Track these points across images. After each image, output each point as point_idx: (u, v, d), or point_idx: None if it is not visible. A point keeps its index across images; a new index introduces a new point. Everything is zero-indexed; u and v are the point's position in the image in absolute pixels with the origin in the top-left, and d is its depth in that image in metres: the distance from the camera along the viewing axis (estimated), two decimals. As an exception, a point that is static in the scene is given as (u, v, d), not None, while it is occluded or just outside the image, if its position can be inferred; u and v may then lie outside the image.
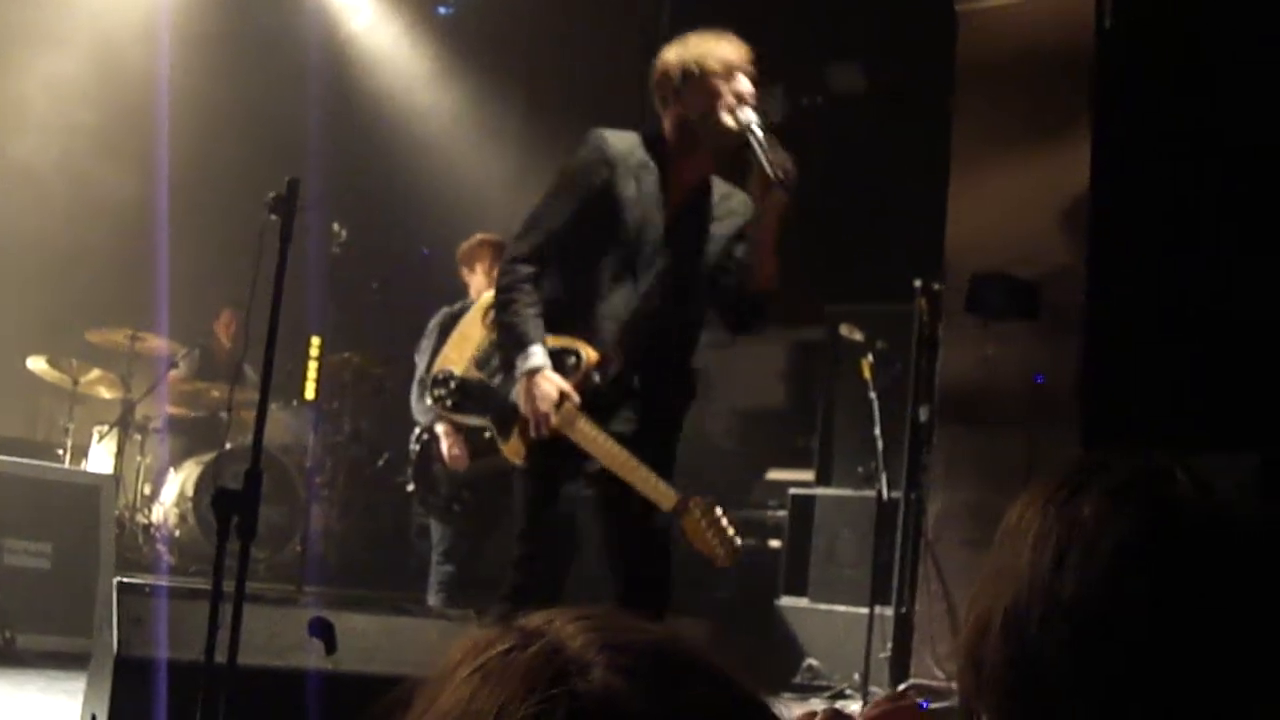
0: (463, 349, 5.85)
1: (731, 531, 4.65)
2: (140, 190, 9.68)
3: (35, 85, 9.77)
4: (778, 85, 10.08)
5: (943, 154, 8.05)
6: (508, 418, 4.79)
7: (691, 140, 4.79)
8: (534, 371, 4.52)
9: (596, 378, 4.65)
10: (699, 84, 4.73)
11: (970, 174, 7.95)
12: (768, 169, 4.63)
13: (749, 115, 4.70)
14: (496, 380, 5.32)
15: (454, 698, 0.86)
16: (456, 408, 5.48)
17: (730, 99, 4.71)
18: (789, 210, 4.77)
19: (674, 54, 4.78)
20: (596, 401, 4.64)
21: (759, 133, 4.67)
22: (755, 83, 4.82)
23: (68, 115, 9.96)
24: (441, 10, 11.40)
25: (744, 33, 4.83)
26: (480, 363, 5.58)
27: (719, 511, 4.62)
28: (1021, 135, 7.79)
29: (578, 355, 4.66)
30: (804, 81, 10.39)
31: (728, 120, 4.70)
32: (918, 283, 7.53)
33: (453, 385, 5.37)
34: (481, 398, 5.35)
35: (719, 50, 4.79)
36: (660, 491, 4.55)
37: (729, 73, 4.74)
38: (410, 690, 0.91)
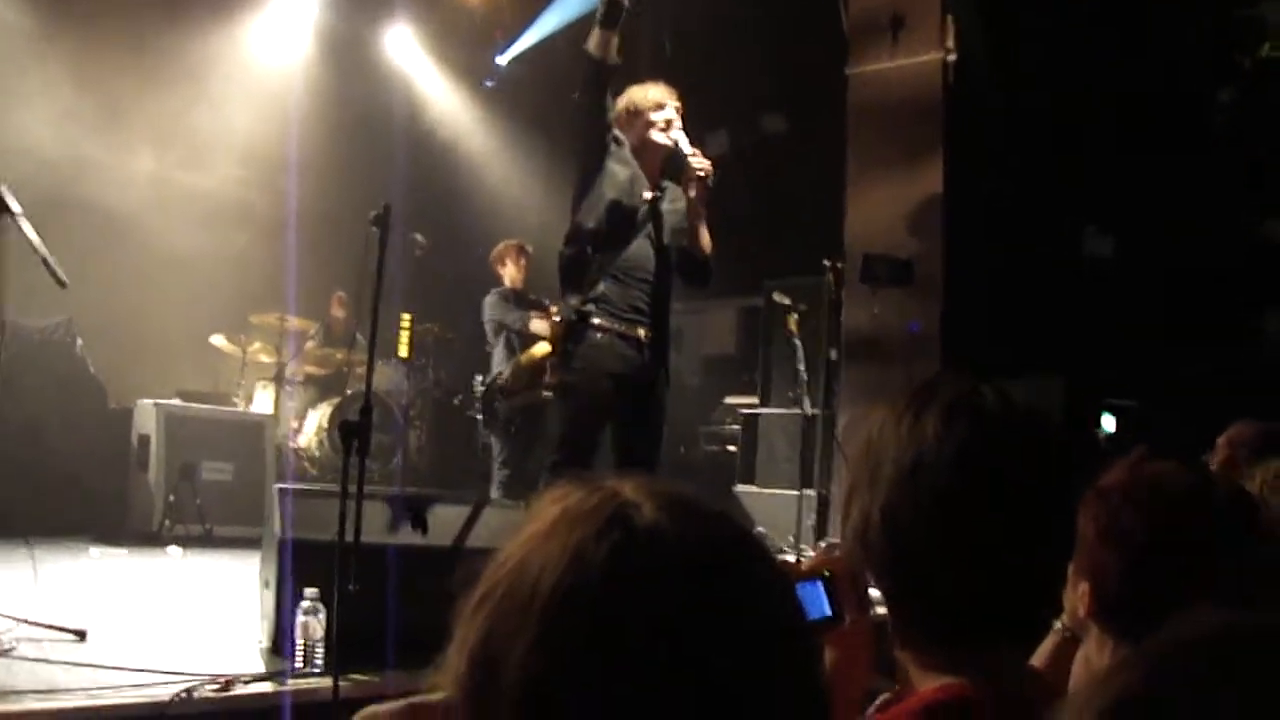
0: None
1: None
2: (279, 212, 9.67)
3: (208, 137, 9.78)
4: (724, 128, 10.08)
5: (842, 173, 8.06)
6: None
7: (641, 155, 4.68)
8: None
9: None
10: (638, 118, 4.65)
11: (861, 186, 7.96)
12: (692, 165, 4.56)
13: (676, 134, 4.62)
14: None
15: (546, 528, 0.85)
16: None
17: (661, 124, 4.63)
18: (712, 194, 4.64)
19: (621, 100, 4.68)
20: None
21: (685, 145, 4.58)
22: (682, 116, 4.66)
23: (232, 158, 9.94)
24: (487, 83, 11.40)
25: (703, 92, 4.61)
26: None
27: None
28: (895, 158, 7.79)
29: None
30: (745, 126, 10.37)
31: (660, 139, 4.63)
32: (826, 262, 7.52)
33: None
34: None
35: (650, 93, 4.68)
36: None
37: (658, 107, 4.65)
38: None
